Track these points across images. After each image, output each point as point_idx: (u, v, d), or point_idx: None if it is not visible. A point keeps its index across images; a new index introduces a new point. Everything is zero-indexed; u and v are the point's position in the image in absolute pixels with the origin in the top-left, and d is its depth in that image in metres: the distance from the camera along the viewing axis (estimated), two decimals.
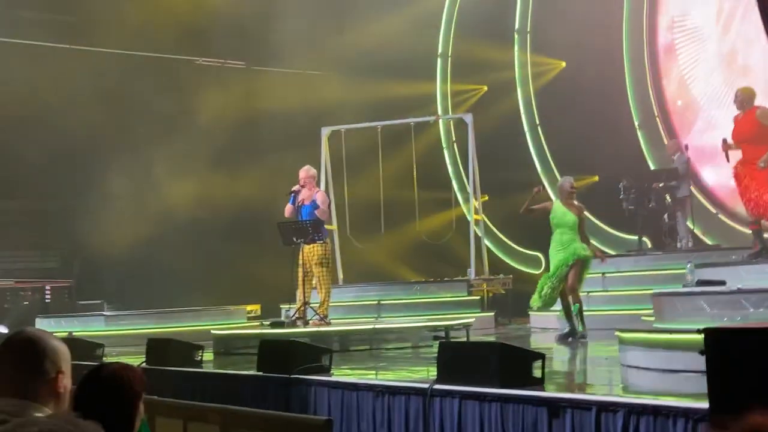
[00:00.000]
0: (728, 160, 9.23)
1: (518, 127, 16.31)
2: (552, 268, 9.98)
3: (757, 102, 8.96)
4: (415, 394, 5.97)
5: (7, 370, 2.37)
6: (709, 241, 13.56)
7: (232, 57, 16.19)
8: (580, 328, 9.78)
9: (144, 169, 14.38)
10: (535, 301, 10.14)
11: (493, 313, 13.12)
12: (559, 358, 8.81)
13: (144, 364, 8.24)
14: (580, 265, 9.82)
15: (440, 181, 16.23)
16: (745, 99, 8.97)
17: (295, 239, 10.49)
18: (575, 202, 10.05)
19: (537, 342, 10.55)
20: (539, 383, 5.55)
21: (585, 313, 9.94)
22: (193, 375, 8.02)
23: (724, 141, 9.19)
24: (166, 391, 6.86)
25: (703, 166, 14.13)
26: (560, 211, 9.95)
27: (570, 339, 9.76)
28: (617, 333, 7.19)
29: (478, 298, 13.22)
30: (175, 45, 15.33)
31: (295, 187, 10.68)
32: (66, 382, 2.44)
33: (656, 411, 4.69)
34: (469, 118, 14.56)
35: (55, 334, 2.65)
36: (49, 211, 14.49)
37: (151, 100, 14.50)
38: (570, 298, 9.83)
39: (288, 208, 10.67)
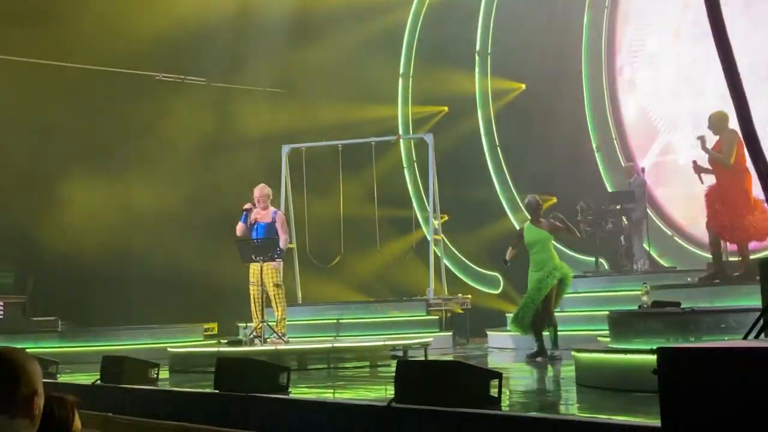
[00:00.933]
0: (702, 182, 9.27)
1: (478, 148, 16.44)
2: (529, 289, 9.91)
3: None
4: (372, 412, 5.97)
5: None
6: (665, 263, 13.74)
7: (193, 73, 16.13)
8: (553, 350, 9.76)
9: (100, 186, 14.24)
10: (513, 327, 10.06)
11: (451, 333, 13.15)
12: (518, 377, 8.86)
13: (98, 382, 8.14)
14: (560, 286, 9.81)
15: (401, 201, 16.28)
16: (715, 123, 9.04)
17: (254, 257, 10.46)
18: (542, 220, 10.08)
19: (494, 361, 10.58)
20: (496, 402, 5.58)
21: (544, 333, 9.98)
22: (148, 393, 7.93)
23: (695, 164, 9.22)
24: (121, 409, 6.79)
25: (658, 188, 14.34)
26: (532, 231, 9.95)
27: (539, 358, 9.77)
28: (573, 353, 7.26)
29: (436, 317, 13.26)
30: (135, 60, 15.25)
31: (247, 205, 10.66)
32: (40, 403, 2.35)
33: (610, 429, 4.74)
34: (429, 138, 14.64)
35: None
36: (3, 226, 14.29)
37: (108, 115, 14.40)
38: (543, 320, 9.83)
39: (240, 227, 10.64)
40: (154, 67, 15.75)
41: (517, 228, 10.36)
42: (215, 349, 10.39)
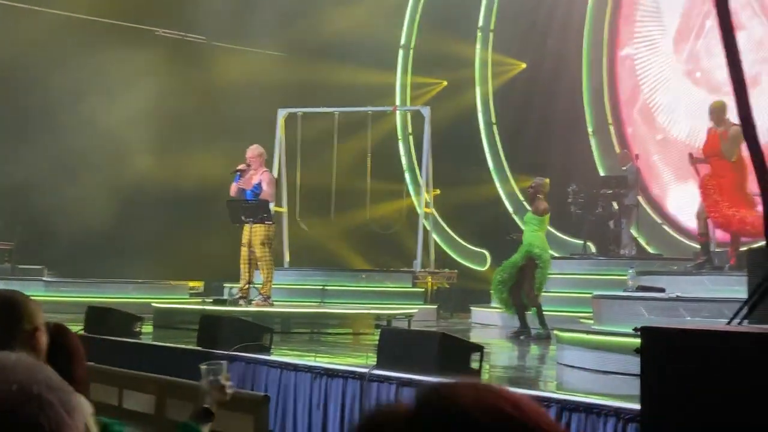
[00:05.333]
0: (698, 174, 9.31)
1: (474, 124, 16.41)
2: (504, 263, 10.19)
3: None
4: (352, 377, 6.00)
5: None
6: (651, 250, 13.80)
7: (193, 31, 16.02)
8: (541, 330, 9.81)
9: (95, 139, 14.17)
10: (493, 290, 10.30)
11: (435, 306, 13.20)
12: (499, 353, 8.91)
13: (82, 332, 8.15)
14: (532, 265, 9.86)
15: (393, 172, 16.26)
16: (715, 112, 9.04)
17: (243, 218, 10.46)
18: (540, 201, 10.17)
19: (477, 336, 10.63)
20: (476, 375, 5.62)
21: (529, 313, 10.05)
22: (131, 345, 7.96)
23: (691, 156, 9.25)
24: (102, 360, 6.80)
25: (652, 178, 14.37)
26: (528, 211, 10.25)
27: (522, 337, 9.84)
28: (556, 332, 7.31)
29: (422, 290, 13.30)
30: (136, 13, 15.13)
31: (241, 166, 10.65)
32: (42, 339, 2.47)
33: (588, 409, 4.78)
34: (426, 111, 14.60)
35: None
36: None
37: (107, 68, 14.30)
38: (523, 299, 9.93)
39: (233, 187, 10.65)
40: (154, 22, 15.63)
41: (510, 207, 10.47)
42: (199, 306, 10.42)
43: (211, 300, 11.13)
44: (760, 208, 8.53)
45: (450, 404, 0.86)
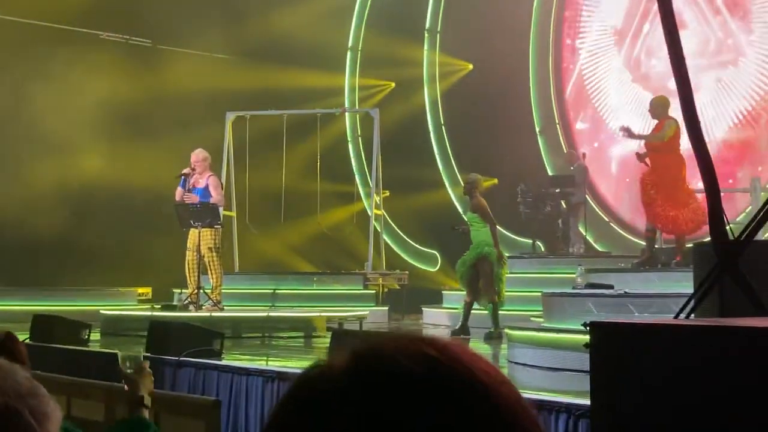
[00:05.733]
0: (648, 166, 9.38)
1: (423, 126, 16.47)
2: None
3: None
4: None
5: None
6: (600, 248, 13.96)
7: (137, 35, 15.82)
8: (493, 328, 9.81)
9: (39, 144, 13.94)
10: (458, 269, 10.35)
11: (387, 308, 13.20)
12: None
13: (28, 341, 8.00)
14: (487, 262, 9.87)
15: (343, 174, 16.24)
16: (656, 108, 9.15)
17: (192, 222, 10.38)
18: (478, 198, 10.17)
19: None
20: None
21: (478, 311, 10.08)
22: (78, 353, 7.83)
23: (638, 154, 9.31)
24: (49, 368, 6.68)
25: (599, 175, 14.54)
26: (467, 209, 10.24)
27: (461, 336, 9.89)
28: (507, 331, 7.35)
29: (373, 292, 13.28)
30: (80, 17, 14.91)
31: (186, 170, 10.60)
32: None
33: (540, 406, 4.81)
34: (375, 113, 14.61)
35: None
36: None
37: (51, 71, 14.07)
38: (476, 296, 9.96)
39: (178, 192, 10.58)
40: (98, 26, 15.41)
41: (459, 208, 10.48)
42: (148, 313, 10.30)
43: (160, 306, 11.01)
44: (694, 205, 8.70)
45: (382, 354, 0.86)
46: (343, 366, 0.87)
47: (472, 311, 10.08)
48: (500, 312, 9.87)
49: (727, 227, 4.20)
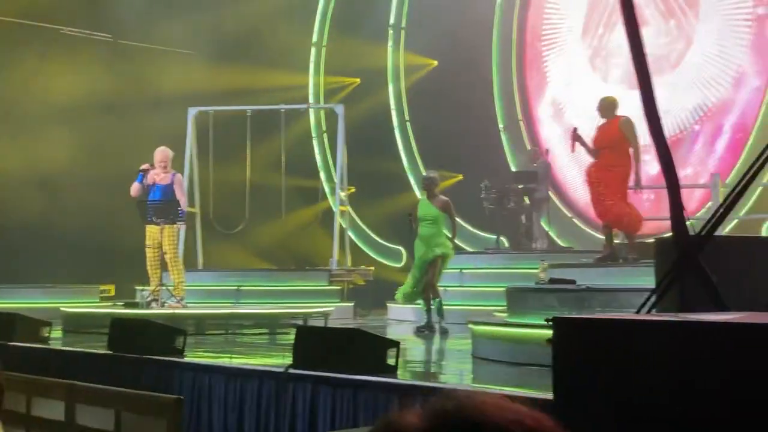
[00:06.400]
0: (572, 151, 9.49)
1: (388, 122, 16.47)
2: (414, 262, 10.20)
3: (619, 112, 9.24)
4: (268, 377, 5.95)
5: None
6: (563, 243, 14.06)
7: (99, 29, 15.65)
8: (439, 322, 9.95)
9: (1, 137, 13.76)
10: (398, 295, 10.36)
11: (352, 304, 13.19)
12: (415, 348, 8.95)
13: None
14: (440, 261, 10.05)
15: (308, 171, 16.20)
16: (607, 107, 9.25)
17: (154, 219, 10.31)
18: (441, 197, 10.24)
19: (393, 333, 10.66)
20: (392, 371, 5.63)
21: (413, 306, 10.25)
22: (39, 351, 7.74)
23: (575, 132, 9.33)
24: (9, 367, 6.59)
25: (562, 172, 14.64)
26: (424, 205, 10.19)
27: (426, 332, 9.96)
28: (470, 326, 7.37)
29: (338, 288, 13.28)
30: (41, 11, 14.72)
31: (145, 166, 10.55)
32: None
33: None
34: (340, 109, 14.58)
35: None
36: None
37: (11, 67, 13.89)
38: (430, 293, 10.06)
39: (135, 187, 10.51)
40: (60, 21, 15.22)
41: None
42: (110, 310, 10.21)
43: (122, 303, 10.92)
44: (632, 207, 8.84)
45: (462, 416, 0.85)
46: (421, 420, 0.85)
47: (407, 306, 10.27)
48: (462, 307, 10.04)
49: (688, 223, 4.24)
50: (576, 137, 9.28)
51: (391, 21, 16.58)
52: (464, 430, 0.83)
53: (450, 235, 10.49)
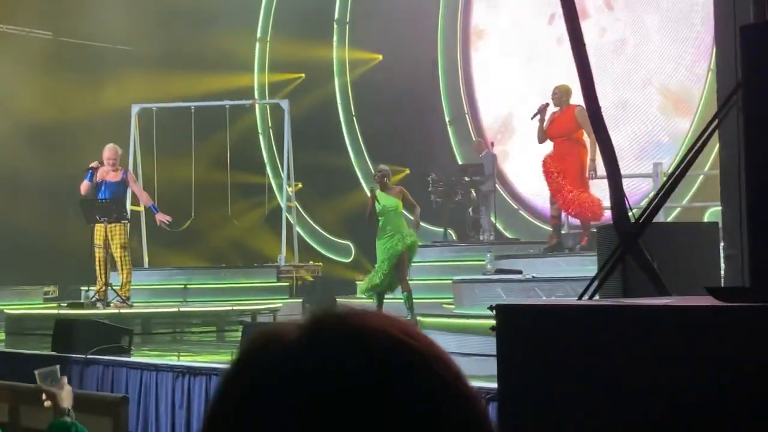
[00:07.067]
0: (532, 118, 9.40)
1: (334, 117, 16.43)
2: (380, 257, 9.92)
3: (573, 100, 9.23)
4: (215, 375, 5.91)
5: None
6: (509, 235, 14.16)
7: (38, 26, 15.37)
8: (408, 315, 9.81)
9: None
10: (364, 286, 10.11)
11: (300, 300, 13.14)
12: None
13: None
14: (409, 252, 9.88)
15: (255, 167, 16.09)
16: (562, 95, 9.29)
17: (98, 218, 10.17)
18: (394, 186, 10.19)
19: None
20: None
21: (392, 300, 10.09)
22: None
23: (546, 106, 9.28)
24: None
25: (506, 163, 14.75)
26: (382, 198, 10.01)
27: None
28: (418, 318, 7.40)
29: (286, 284, 13.22)
30: None
31: (94, 164, 10.42)
32: None
33: None
34: (285, 105, 14.52)
35: None
36: None
37: None
38: (400, 286, 9.91)
39: (84, 185, 10.37)
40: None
41: (369, 194, 10.30)
42: (54, 311, 10.05)
43: (67, 304, 10.76)
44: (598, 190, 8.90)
45: (344, 326, 0.84)
46: (299, 329, 0.84)
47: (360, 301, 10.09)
48: (414, 300, 9.95)
49: (629, 211, 4.30)
50: (542, 112, 9.23)
51: (336, 16, 16.54)
52: (344, 338, 0.83)
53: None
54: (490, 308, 3.25)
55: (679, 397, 2.71)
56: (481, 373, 5.34)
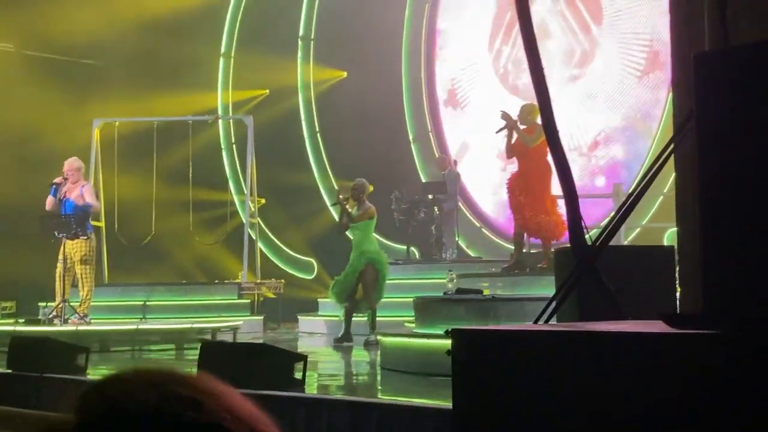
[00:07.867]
0: (497, 132, 9.41)
1: (298, 133, 16.40)
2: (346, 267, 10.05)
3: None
4: None
5: None
6: (472, 253, 14.20)
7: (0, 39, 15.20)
8: (370, 334, 9.75)
9: None
10: (332, 289, 10.15)
11: (262, 317, 13.07)
12: (326, 361, 8.91)
13: None
14: (373, 270, 9.84)
15: (217, 182, 16.01)
16: (527, 114, 9.33)
17: (56, 233, 10.05)
18: (367, 203, 10.20)
19: (304, 346, 10.61)
20: (300, 385, 5.59)
21: (355, 318, 10.08)
22: None
23: (516, 123, 9.28)
24: None
25: (469, 181, 14.81)
26: (353, 211, 10.10)
27: (345, 343, 9.84)
28: (379, 337, 7.38)
29: (248, 301, 13.14)
30: None
31: (57, 179, 10.29)
32: None
33: (412, 411, 4.85)
34: (249, 120, 14.48)
35: None
36: None
37: None
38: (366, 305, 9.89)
39: (49, 201, 10.25)
40: None
41: (335, 215, 10.34)
42: (10, 328, 9.90)
43: (24, 320, 10.60)
44: (560, 210, 8.92)
45: (105, 401, 0.88)
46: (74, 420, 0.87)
47: (318, 318, 10.07)
48: (356, 319, 9.98)
49: (586, 233, 4.32)
50: (509, 128, 9.21)
51: (301, 32, 16.54)
52: (106, 417, 0.87)
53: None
54: (446, 332, 3.24)
55: (631, 424, 2.71)
56: (440, 393, 5.33)
